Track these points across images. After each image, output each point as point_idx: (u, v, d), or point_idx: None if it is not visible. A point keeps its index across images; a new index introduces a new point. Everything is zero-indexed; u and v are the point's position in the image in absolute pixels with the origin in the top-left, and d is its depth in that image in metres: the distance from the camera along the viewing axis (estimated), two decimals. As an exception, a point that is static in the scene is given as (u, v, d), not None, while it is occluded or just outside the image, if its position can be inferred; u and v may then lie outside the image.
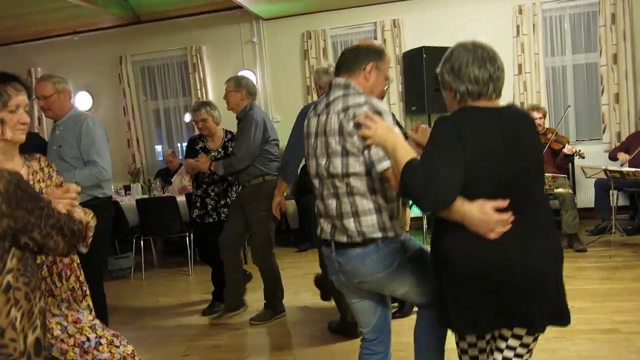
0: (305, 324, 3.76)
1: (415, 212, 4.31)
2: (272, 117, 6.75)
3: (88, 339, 1.68)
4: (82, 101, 7.10)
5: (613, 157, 5.46)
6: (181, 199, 5.44)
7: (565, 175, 5.18)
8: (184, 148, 7.28)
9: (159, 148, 7.48)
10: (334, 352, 3.25)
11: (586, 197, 5.82)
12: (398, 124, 2.68)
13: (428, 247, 1.92)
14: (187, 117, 7.20)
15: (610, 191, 4.98)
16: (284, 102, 6.71)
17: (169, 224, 5.32)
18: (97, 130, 3.10)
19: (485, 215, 1.58)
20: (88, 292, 1.86)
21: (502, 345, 1.72)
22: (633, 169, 4.51)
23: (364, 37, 6.55)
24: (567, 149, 5.11)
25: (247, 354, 3.38)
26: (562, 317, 1.68)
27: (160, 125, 7.33)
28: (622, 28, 5.90)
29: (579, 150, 5.19)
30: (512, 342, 1.70)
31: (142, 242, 5.48)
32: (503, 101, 1.74)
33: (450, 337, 1.93)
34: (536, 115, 5.04)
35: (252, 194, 3.77)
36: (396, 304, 3.47)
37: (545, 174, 3.77)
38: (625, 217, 5.68)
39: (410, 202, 2.27)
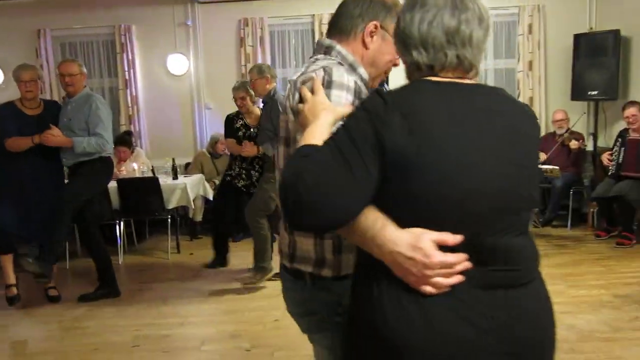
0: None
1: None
2: (204, 104, 6.60)
3: None
4: (-8, 76, 6.47)
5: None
6: (112, 184, 5.15)
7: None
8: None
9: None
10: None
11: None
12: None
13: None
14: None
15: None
16: (217, 89, 6.54)
17: (101, 213, 5.00)
18: (103, 110, 3.89)
19: (418, 252, 0.97)
20: None
21: None
22: (550, 167, 4.97)
23: (302, 30, 6.58)
24: None
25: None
26: None
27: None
28: (538, 38, 6.42)
29: None
30: None
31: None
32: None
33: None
34: None
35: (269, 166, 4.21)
36: None
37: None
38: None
39: None
